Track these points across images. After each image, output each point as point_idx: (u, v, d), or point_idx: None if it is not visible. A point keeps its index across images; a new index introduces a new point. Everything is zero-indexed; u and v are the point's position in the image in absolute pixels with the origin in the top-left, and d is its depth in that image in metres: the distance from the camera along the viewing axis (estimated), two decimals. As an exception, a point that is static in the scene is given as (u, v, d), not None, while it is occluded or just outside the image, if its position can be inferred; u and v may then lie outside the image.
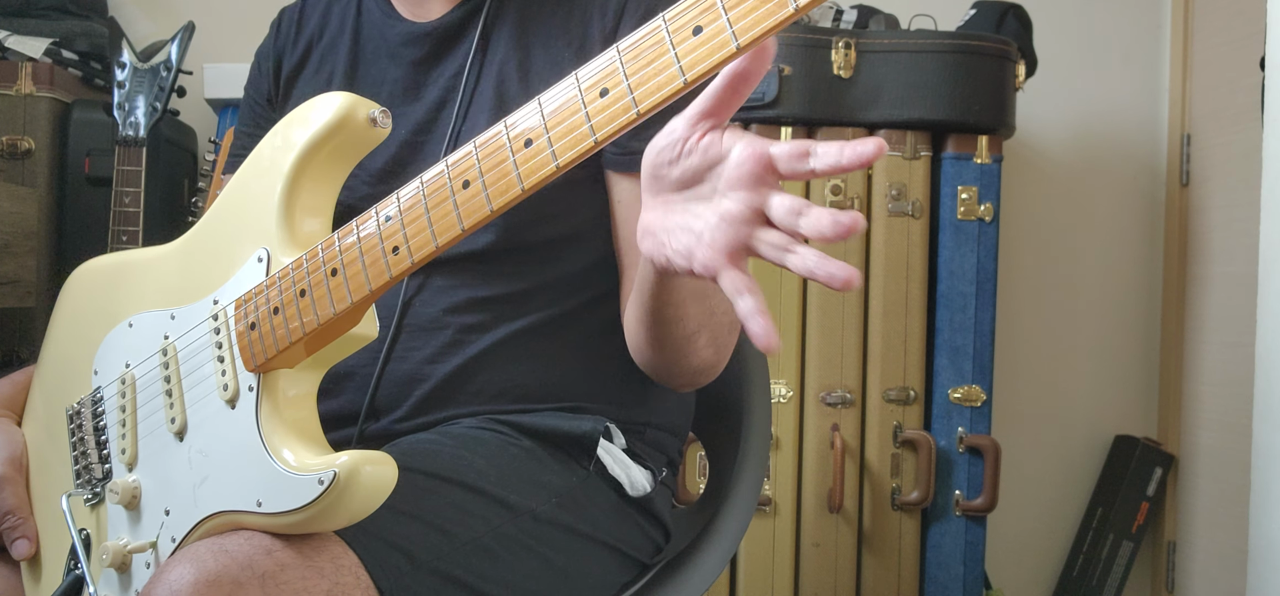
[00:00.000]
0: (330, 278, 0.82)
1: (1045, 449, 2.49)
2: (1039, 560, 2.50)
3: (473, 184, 0.76)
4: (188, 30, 1.96)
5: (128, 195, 1.87)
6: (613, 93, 0.70)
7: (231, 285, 0.88)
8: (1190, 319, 2.38)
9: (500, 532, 0.94)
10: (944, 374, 2.05)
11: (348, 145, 0.87)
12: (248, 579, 0.76)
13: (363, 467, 0.77)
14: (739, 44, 0.65)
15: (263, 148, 0.91)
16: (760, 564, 2.02)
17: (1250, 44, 2.10)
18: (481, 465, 0.97)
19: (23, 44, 2.05)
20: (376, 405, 1.06)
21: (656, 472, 1.13)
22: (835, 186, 2.02)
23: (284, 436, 0.81)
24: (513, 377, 1.06)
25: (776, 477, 2.02)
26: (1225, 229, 2.28)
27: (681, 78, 0.67)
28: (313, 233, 0.87)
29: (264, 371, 0.84)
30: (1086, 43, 2.49)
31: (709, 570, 1.13)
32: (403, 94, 1.12)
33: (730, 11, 0.65)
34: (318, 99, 0.87)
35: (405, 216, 0.79)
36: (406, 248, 0.79)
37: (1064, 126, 2.50)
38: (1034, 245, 2.48)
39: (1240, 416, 2.06)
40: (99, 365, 0.99)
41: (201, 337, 0.90)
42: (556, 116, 0.72)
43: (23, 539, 1.00)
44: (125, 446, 0.93)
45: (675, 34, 0.67)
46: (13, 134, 2.00)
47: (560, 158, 0.72)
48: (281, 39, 1.23)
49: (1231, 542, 2.15)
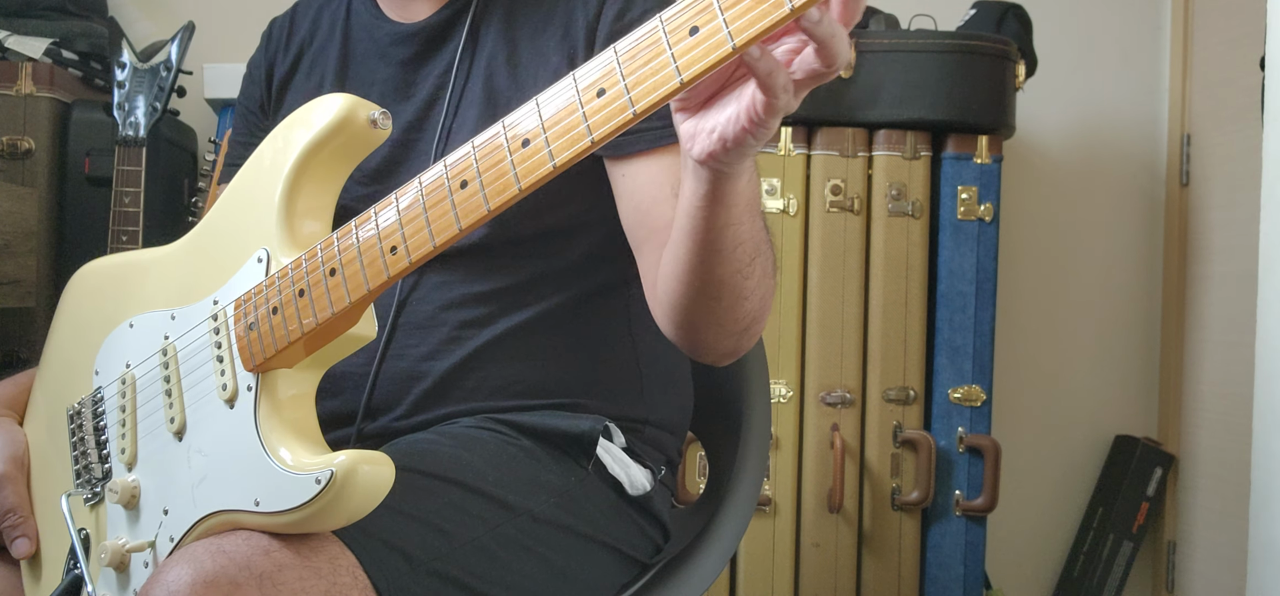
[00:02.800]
0: (329, 277, 0.82)
1: (1045, 449, 2.49)
2: (1039, 560, 2.50)
3: (470, 184, 0.76)
4: (188, 30, 1.96)
5: (128, 195, 1.87)
6: (609, 93, 0.70)
7: (231, 285, 0.89)
8: (1190, 319, 2.38)
9: (499, 533, 0.94)
10: (944, 374, 2.05)
11: (348, 147, 0.87)
12: (245, 579, 0.76)
13: (360, 467, 0.77)
14: (735, 44, 0.65)
15: (263, 149, 0.91)
16: (760, 564, 2.02)
17: (1250, 44, 2.10)
18: (480, 465, 0.97)
19: (23, 44, 2.05)
20: (374, 404, 1.06)
21: (656, 472, 1.13)
22: (835, 186, 2.02)
23: (282, 436, 0.82)
24: (511, 374, 1.06)
25: (776, 477, 2.02)
26: (1225, 229, 2.28)
27: (678, 78, 0.68)
28: (313, 233, 0.87)
29: (263, 371, 0.84)
30: (1086, 43, 2.49)
31: (709, 570, 1.13)
32: (393, 93, 1.12)
33: (726, 12, 0.65)
34: (318, 101, 0.88)
35: (403, 217, 0.79)
36: (404, 248, 0.79)
37: (1064, 126, 2.50)
38: (1034, 245, 2.48)
39: (1240, 416, 2.05)
40: (100, 365, 1.00)
41: (201, 338, 0.90)
42: (554, 118, 0.73)
43: (23, 538, 1.00)
44: (125, 446, 0.94)
45: (672, 34, 0.68)
46: (13, 134, 2.00)
47: (557, 158, 0.73)
48: (272, 47, 1.24)
49: (1231, 542, 2.15)
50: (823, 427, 2.02)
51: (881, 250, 2.03)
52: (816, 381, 2.02)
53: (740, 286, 0.90)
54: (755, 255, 0.90)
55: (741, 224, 0.86)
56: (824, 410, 2.02)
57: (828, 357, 2.02)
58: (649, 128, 1.00)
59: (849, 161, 2.02)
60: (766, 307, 0.96)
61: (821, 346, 2.02)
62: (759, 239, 0.90)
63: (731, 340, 0.97)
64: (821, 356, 2.02)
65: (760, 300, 0.94)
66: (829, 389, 2.02)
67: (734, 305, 0.92)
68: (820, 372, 2.02)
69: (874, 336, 2.03)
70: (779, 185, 2.01)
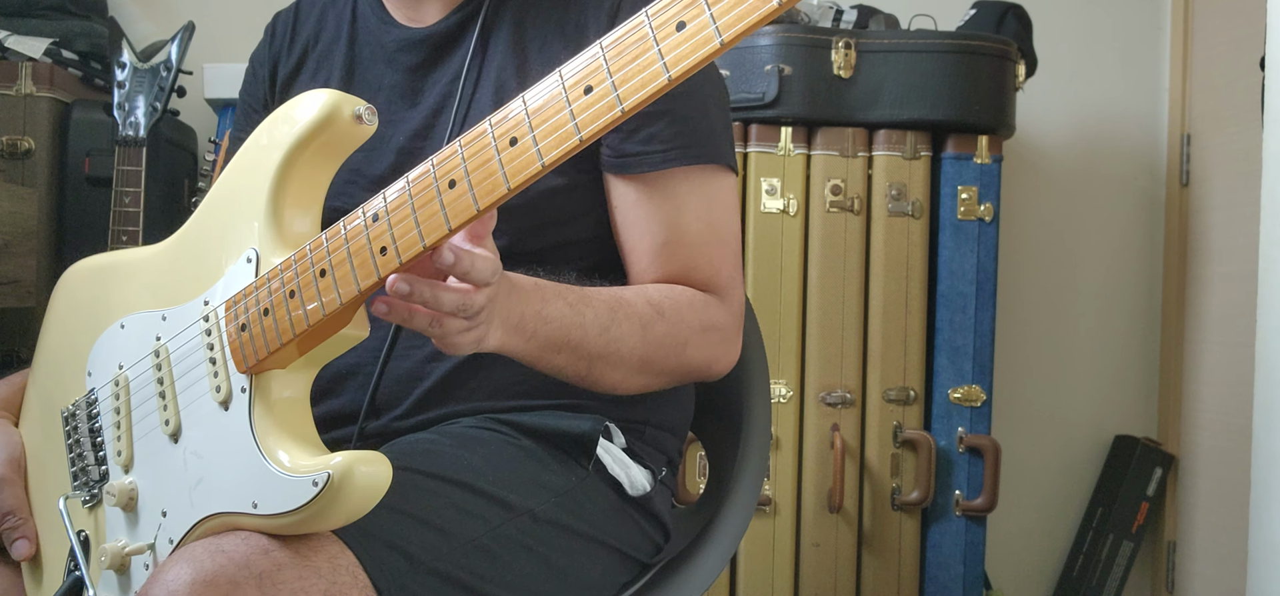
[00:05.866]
0: (319, 279, 0.81)
1: (1045, 449, 2.49)
2: (1039, 560, 2.49)
3: (459, 183, 0.75)
4: (188, 30, 1.96)
5: (128, 195, 1.87)
6: (597, 90, 0.69)
7: (221, 286, 0.88)
8: (1190, 319, 2.38)
9: (499, 532, 0.94)
10: (944, 374, 2.04)
11: (333, 142, 0.86)
12: (245, 579, 0.76)
13: (357, 468, 0.77)
14: (723, 39, 0.64)
15: (248, 146, 0.90)
16: (760, 564, 2.02)
17: (1250, 44, 2.10)
18: (480, 465, 0.97)
19: (23, 44, 2.05)
20: (377, 403, 1.06)
21: (656, 472, 1.13)
22: (835, 186, 2.01)
23: (278, 437, 0.81)
24: (512, 374, 1.06)
25: (776, 477, 2.02)
26: (1225, 229, 2.27)
27: (666, 74, 0.67)
28: (301, 232, 0.86)
29: (256, 372, 0.84)
30: (1086, 43, 2.49)
31: (709, 570, 1.13)
32: (400, 100, 1.11)
33: (714, 6, 0.64)
34: (302, 97, 0.86)
35: (392, 216, 0.78)
36: (394, 248, 0.78)
37: (1064, 126, 2.50)
38: (1034, 245, 2.48)
39: (1240, 416, 2.05)
40: (92, 366, 0.99)
41: (193, 339, 0.89)
42: (541, 115, 0.72)
43: (23, 539, 1.00)
44: (121, 448, 0.93)
45: (658, 29, 0.67)
46: (13, 134, 2.00)
47: (545, 156, 0.72)
48: (276, 44, 1.22)
49: (1231, 542, 2.15)
50: (823, 428, 2.02)
51: (881, 250, 2.02)
52: (816, 381, 2.02)
53: (600, 382, 1.02)
54: (588, 371, 1.00)
55: (549, 363, 0.97)
56: (824, 410, 2.02)
57: (828, 358, 2.02)
58: (646, 152, 1.05)
59: (849, 161, 2.02)
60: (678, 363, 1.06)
61: (821, 346, 2.02)
62: (586, 363, 0.99)
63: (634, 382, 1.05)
64: (821, 356, 2.02)
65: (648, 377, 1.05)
66: (829, 389, 2.02)
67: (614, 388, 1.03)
68: (820, 373, 2.02)
69: (874, 336, 2.03)
70: (779, 185, 2.01)
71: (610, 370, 1.00)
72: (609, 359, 0.99)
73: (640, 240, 1.07)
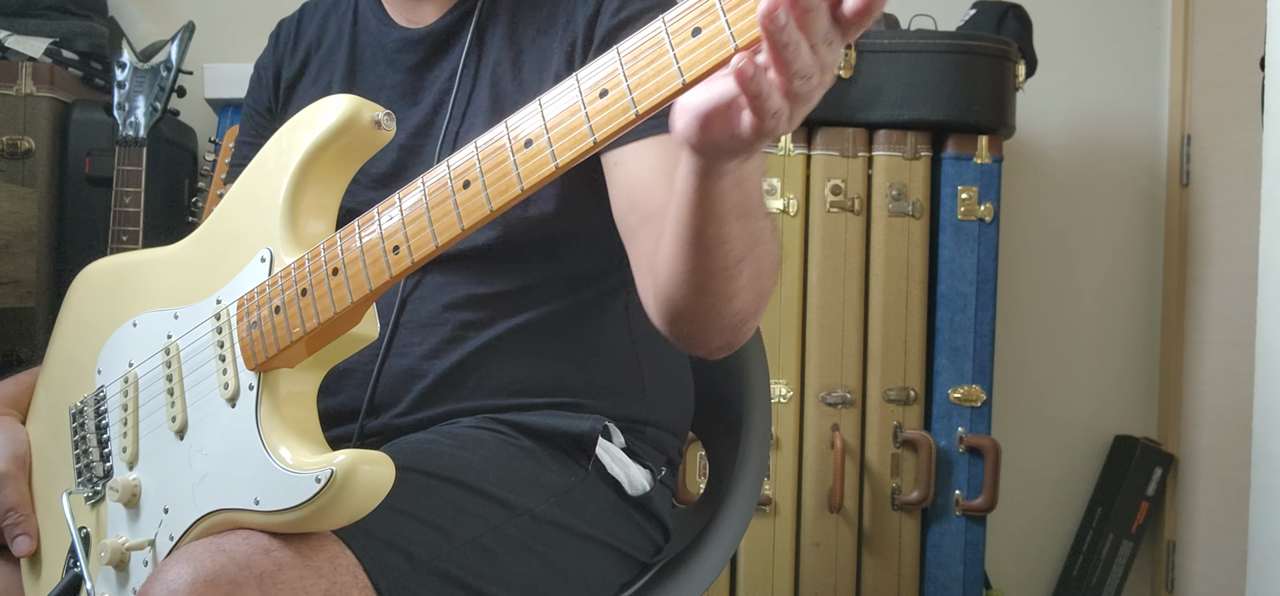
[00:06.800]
0: (331, 277, 0.82)
1: (1045, 449, 2.49)
2: (1039, 560, 2.50)
3: (473, 184, 0.77)
4: (188, 30, 1.96)
5: (128, 195, 1.87)
6: (612, 94, 0.71)
7: (234, 285, 0.89)
8: (1190, 319, 2.38)
9: (499, 532, 0.94)
10: (944, 374, 2.05)
11: (352, 147, 0.88)
12: (245, 578, 0.76)
13: (360, 467, 0.77)
14: (737, 45, 0.66)
15: (268, 150, 0.92)
16: (760, 564, 2.02)
17: (1250, 44, 2.10)
18: (480, 465, 0.97)
19: (23, 44, 2.05)
20: (376, 401, 1.06)
21: (656, 472, 1.13)
22: (835, 186, 2.02)
23: (282, 435, 0.82)
24: (512, 373, 1.06)
25: (776, 477, 2.02)
26: (1225, 229, 2.27)
27: (680, 79, 0.68)
28: (316, 234, 0.88)
29: (265, 370, 0.84)
30: (1086, 43, 2.49)
31: (709, 570, 1.14)
32: (400, 99, 1.13)
33: (728, 13, 0.66)
34: (323, 102, 0.88)
35: (406, 216, 0.80)
36: (407, 247, 0.80)
37: (1064, 126, 2.50)
38: (1034, 245, 2.48)
39: (1240, 416, 2.05)
40: (103, 364, 1.00)
41: (203, 336, 0.90)
42: (557, 118, 0.73)
43: (23, 536, 1.00)
44: (127, 445, 0.94)
45: (675, 35, 0.68)
46: (13, 134, 2.00)
47: (560, 158, 0.73)
48: (280, 49, 1.24)
49: (1231, 542, 2.15)
50: (823, 427, 2.02)
51: (882, 250, 2.03)
52: (817, 381, 2.02)
53: (724, 287, 0.89)
54: (743, 257, 0.87)
55: (726, 223, 0.84)
56: (824, 410, 2.02)
57: (828, 357, 2.02)
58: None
59: (849, 161, 2.02)
60: (759, 308, 0.94)
61: (822, 346, 2.02)
62: (749, 242, 0.87)
63: (720, 336, 0.95)
64: (822, 356, 2.02)
65: (750, 301, 0.92)
66: (829, 389, 2.02)
67: (719, 303, 0.91)
68: (820, 372, 2.02)
69: (874, 336, 2.03)
70: (779, 185, 2.02)
71: (749, 267, 0.90)
72: (755, 254, 0.89)
73: (661, 196, 0.97)
